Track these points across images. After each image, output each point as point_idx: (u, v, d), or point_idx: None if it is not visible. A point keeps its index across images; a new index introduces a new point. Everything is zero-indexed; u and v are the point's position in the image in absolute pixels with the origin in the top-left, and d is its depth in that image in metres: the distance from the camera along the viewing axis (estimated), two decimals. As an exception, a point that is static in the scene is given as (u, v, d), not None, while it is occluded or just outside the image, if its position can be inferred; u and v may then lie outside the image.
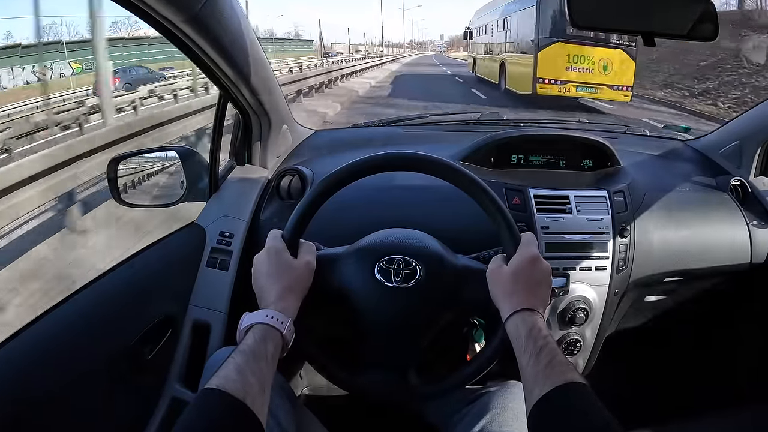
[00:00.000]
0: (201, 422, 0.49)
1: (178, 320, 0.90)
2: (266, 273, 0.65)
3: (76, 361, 0.70)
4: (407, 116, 1.37)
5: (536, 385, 0.53)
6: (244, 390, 0.50)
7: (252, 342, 0.57)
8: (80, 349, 0.71)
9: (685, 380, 1.20)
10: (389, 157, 0.71)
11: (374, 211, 0.94)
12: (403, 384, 0.71)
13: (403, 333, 0.70)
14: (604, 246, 0.93)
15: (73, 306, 0.74)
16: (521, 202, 0.94)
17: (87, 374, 0.71)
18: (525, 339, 0.58)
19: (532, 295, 0.63)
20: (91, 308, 0.76)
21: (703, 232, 1.00)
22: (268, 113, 1.00)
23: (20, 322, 0.68)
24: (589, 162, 1.07)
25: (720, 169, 1.13)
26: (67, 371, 0.68)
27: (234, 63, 0.82)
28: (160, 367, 0.88)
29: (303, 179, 1.01)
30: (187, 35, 0.71)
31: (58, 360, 0.67)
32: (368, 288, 0.70)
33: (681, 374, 1.21)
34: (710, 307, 1.12)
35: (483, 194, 0.69)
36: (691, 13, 0.84)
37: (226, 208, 0.97)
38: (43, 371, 0.65)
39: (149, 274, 0.87)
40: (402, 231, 0.77)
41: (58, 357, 0.67)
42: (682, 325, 1.16)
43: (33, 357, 0.65)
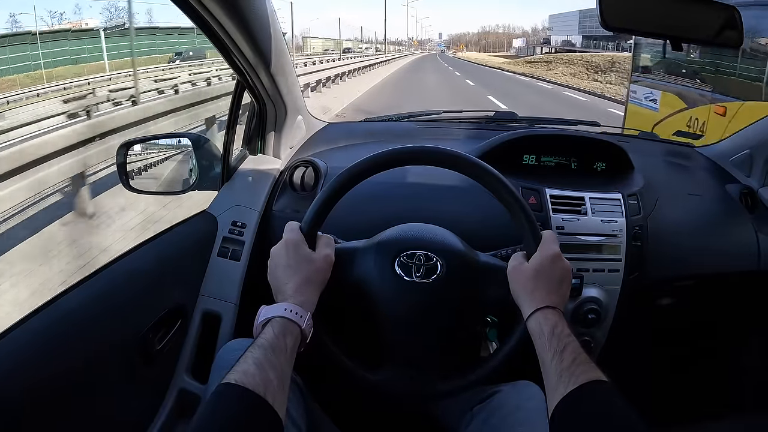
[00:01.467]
0: (220, 418, 0.47)
1: (188, 310, 0.89)
2: (284, 265, 0.64)
3: (85, 348, 0.68)
4: (420, 112, 1.36)
5: (560, 383, 0.53)
6: (263, 385, 0.49)
7: (271, 336, 0.55)
8: (90, 336, 0.70)
9: (693, 384, 1.21)
10: (413, 151, 0.70)
11: (391, 205, 0.93)
12: (420, 381, 0.70)
13: (422, 329, 0.70)
14: (618, 248, 0.94)
15: (84, 292, 0.72)
16: (537, 201, 0.94)
17: (96, 362, 0.69)
18: (548, 337, 0.58)
19: (554, 293, 0.63)
20: (102, 295, 0.74)
21: (712, 239, 1.01)
22: (285, 102, 0.99)
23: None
24: (602, 164, 1.07)
25: (730, 177, 1.14)
26: (76, 358, 0.66)
27: (257, 48, 0.80)
28: (169, 358, 0.87)
29: (317, 171, 1.00)
30: (214, 16, 0.70)
31: (67, 346, 0.66)
32: (388, 282, 0.69)
33: (688, 378, 1.22)
34: (718, 312, 1.13)
35: (506, 191, 0.69)
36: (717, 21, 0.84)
37: (238, 198, 0.96)
38: (52, 357, 0.64)
39: (160, 262, 0.85)
40: (423, 226, 0.76)
41: (68, 343, 0.66)
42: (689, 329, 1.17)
43: (42, 342, 0.63)
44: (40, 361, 0.62)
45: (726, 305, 1.12)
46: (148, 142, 1.06)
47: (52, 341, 0.64)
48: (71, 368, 0.65)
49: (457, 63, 38.02)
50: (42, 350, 0.63)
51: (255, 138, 1.03)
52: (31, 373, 0.60)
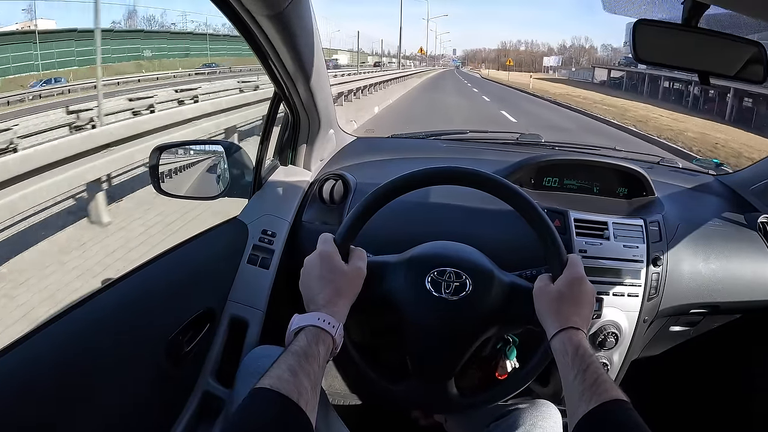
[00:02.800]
0: (255, 420, 0.48)
1: (217, 315, 0.90)
2: (317, 276, 0.65)
3: (117, 346, 0.70)
4: (447, 131, 1.39)
5: (582, 401, 0.54)
6: (297, 391, 0.50)
7: (304, 343, 0.57)
8: (122, 335, 0.72)
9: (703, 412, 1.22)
10: (447, 171, 0.72)
11: (420, 223, 0.95)
12: (441, 394, 0.72)
13: (448, 344, 0.72)
14: (638, 274, 0.95)
15: (118, 292, 0.74)
16: (562, 224, 0.96)
17: (126, 360, 0.71)
18: (572, 356, 0.59)
19: (577, 314, 0.65)
20: (134, 296, 0.76)
21: (730, 267, 1.02)
22: (319, 116, 1.01)
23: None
24: (624, 190, 1.09)
25: (749, 206, 1.15)
26: (107, 355, 0.68)
27: (300, 63, 0.83)
28: (196, 360, 0.88)
29: (346, 185, 1.02)
30: (263, 31, 0.72)
31: (99, 344, 0.68)
32: (418, 298, 0.71)
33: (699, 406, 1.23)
34: (732, 342, 1.14)
35: (536, 214, 0.70)
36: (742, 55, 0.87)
37: (269, 207, 0.98)
38: (85, 353, 0.66)
39: (192, 266, 0.88)
40: (453, 244, 0.78)
41: (100, 341, 0.68)
42: (703, 357, 1.18)
43: (75, 340, 0.66)
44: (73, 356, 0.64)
45: (742, 335, 1.12)
46: (181, 147, 1.09)
47: (85, 338, 0.66)
48: (102, 364, 0.67)
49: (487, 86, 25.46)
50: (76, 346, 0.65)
51: (287, 149, 1.05)
52: (64, 367, 0.62)
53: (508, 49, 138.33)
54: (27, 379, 0.58)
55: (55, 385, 0.61)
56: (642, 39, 0.81)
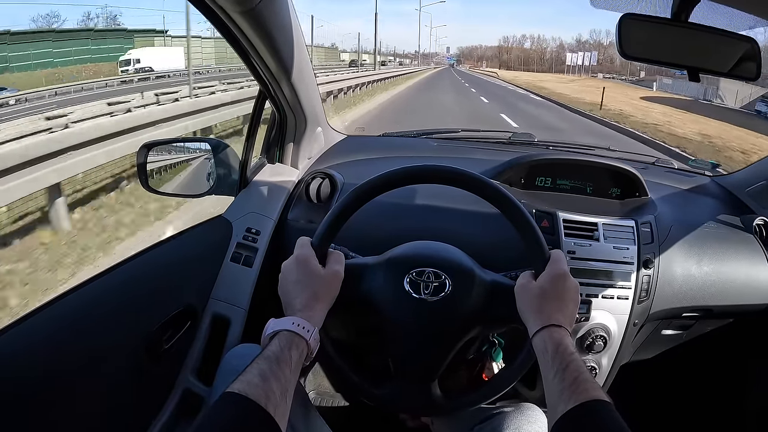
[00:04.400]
0: (220, 424, 0.48)
1: (199, 312, 0.90)
2: (294, 281, 0.65)
3: (95, 342, 0.70)
4: (439, 129, 1.38)
5: (561, 401, 0.53)
6: (266, 396, 0.50)
7: (277, 348, 0.56)
8: (100, 331, 0.71)
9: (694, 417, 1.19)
10: (425, 170, 0.71)
11: (403, 222, 0.94)
12: (424, 396, 0.71)
13: (429, 345, 0.71)
14: (628, 276, 0.93)
15: (97, 287, 0.74)
16: (550, 225, 0.94)
17: (105, 356, 0.71)
18: (552, 355, 0.58)
19: (560, 311, 0.63)
20: (114, 292, 0.76)
21: (724, 270, 0.99)
22: (305, 113, 1.01)
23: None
24: (617, 190, 1.07)
25: (745, 208, 1.13)
26: (85, 351, 0.68)
27: (280, 60, 0.82)
28: (176, 358, 0.88)
29: (333, 184, 1.01)
30: (240, 27, 0.72)
31: (77, 340, 0.67)
32: (397, 299, 0.70)
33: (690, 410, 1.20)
34: (725, 345, 1.12)
35: (515, 211, 0.69)
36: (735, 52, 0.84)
37: (254, 205, 0.98)
38: (61, 349, 0.65)
39: (174, 263, 0.87)
40: (433, 244, 0.77)
41: (78, 337, 0.68)
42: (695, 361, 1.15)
43: (53, 334, 0.65)
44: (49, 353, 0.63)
45: (735, 339, 1.10)
46: (169, 144, 1.09)
47: (62, 334, 0.66)
48: (80, 361, 0.67)
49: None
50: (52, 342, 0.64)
51: (274, 147, 1.05)
52: (40, 363, 0.62)
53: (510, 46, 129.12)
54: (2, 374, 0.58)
55: (32, 381, 0.60)
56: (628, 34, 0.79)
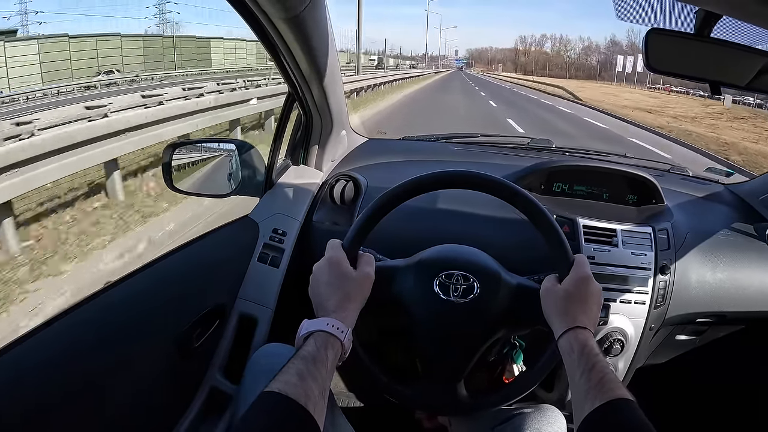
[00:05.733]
0: (263, 424, 0.49)
1: (227, 311, 0.91)
2: (326, 282, 0.66)
3: (128, 339, 0.71)
4: (458, 134, 1.39)
5: (587, 400, 0.55)
6: (305, 395, 0.51)
7: (313, 349, 0.57)
8: (133, 329, 0.73)
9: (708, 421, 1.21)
10: (454, 175, 0.73)
11: (430, 225, 0.95)
12: (450, 396, 0.73)
13: (457, 347, 0.73)
14: (645, 281, 0.95)
15: (130, 287, 0.75)
16: (570, 230, 0.96)
17: (136, 356, 0.72)
18: (578, 356, 0.60)
19: (584, 314, 0.65)
20: (146, 291, 0.77)
21: (738, 277, 1.01)
22: (332, 117, 1.02)
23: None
24: (634, 197, 1.09)
25: (759, 216, 1.15)
26: (119, 348, 0.69)
27: (315, 64, 0.84)
28: (204, 356, 0.89)
29: (357, 186, 1.03)
30: (280, 33, 0.73)
31: (110, 337, 0.69)
32: (426, 301, 0.72)
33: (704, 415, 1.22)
34: (738, 351, 1.14)
35: (542, 217, 0.71)
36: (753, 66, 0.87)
37: (280, 206, 0.99)
38: (97, 345, 0.67)
39: (204, 262, 0.89)
40: (461, 247, 0.79)
41: (112, 334, 0.69)
42: (708, 366, 1.18)
43: (87, 332, 0.67)
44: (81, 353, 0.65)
45: (748, 345, 1.12)
46: (194, 144, 1.10)
47: (97, 331, 0.67)
48: (113, 357, 0.68)
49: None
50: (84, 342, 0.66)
51: (299, 149, 1.06)
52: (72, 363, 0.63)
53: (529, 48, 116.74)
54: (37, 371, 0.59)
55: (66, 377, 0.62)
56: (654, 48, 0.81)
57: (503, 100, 16.88)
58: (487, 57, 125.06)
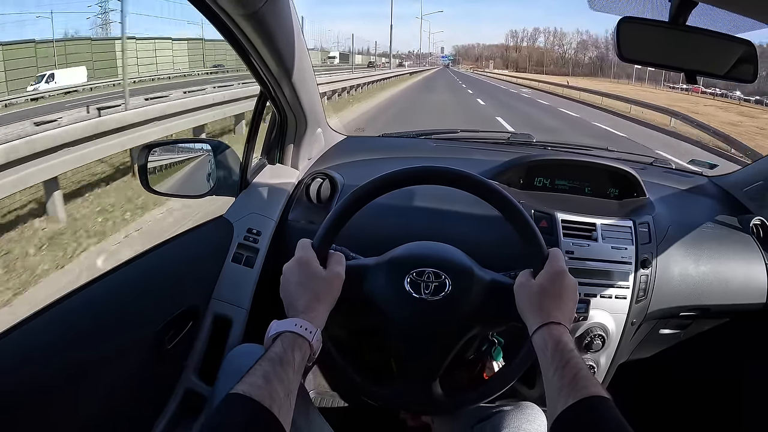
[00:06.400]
0: (225, 425, 0.49)
1: (201, 312, 0.91)
2: (296, 282, 0.66)
3: (99, 342, 0.70)
4: (438, 129, 1.38)
5: (560, 397, 0.54)
6: (270, 397, 0.51)
7: (280, 350, 0.57)
8: (105, 331, 0.72)
9: (693, 415, 1.20)
10: (423, 171, 0.72)
11: (404, 222, 0.94)
12: (426, 395, 0.72)
13: (430, 345, 0.71)
14: (626, 276, 0.94)
15: (101, 288, 0.74)
16: (548, 225, 0.95)
17: (109, 355, 0.71)
18: (552, 352, 0.59)
19: (559, 309, 0.64)
20: (118, 292, 0.76)
21: (721, 270, 1.00)
22: (305, 114, 1.01)
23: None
24: (615, 191, 1.08)
25: (743, 208, 1.14)
26: (90, 350, 0.68)
27: (282, 61, 0.83)
28: (179, 358, 0.88)
29: (333, 184, 1.02)
30: (242, 30, 0.72)
31: (82, 339, 0.68)
32: (398, 299, 0.71)
33: (689, 408, 1.21)
34: (722, 344, 1.13)
35: (513, 210, 0.70)
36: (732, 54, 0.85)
37: (255, 206, 0.98)
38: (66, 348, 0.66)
39: (177, 263, 0.88)
40: (432, 244, 0.78)
41: (83, 336, 0.68)
42: (692, 360, 1.16)
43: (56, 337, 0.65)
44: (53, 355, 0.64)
45: (732, 338, 1.11)
46: (169, 145, 1.09)
47: (66, 335, 0.66)
48: (84, 360, 0.67)
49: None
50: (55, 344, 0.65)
51: (274, 148, 1.05)
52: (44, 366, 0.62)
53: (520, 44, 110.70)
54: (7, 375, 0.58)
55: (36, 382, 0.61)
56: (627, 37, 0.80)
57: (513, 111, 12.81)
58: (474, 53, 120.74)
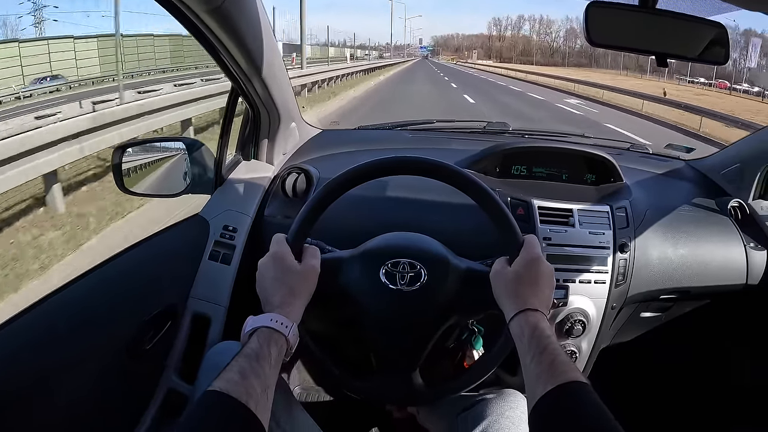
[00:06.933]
0: (204, 425, 0.49)
1: (179, 311, 0.90)
2: (271, 277, 0.66)
3: (76, 344, 0.70)
4: (414, 120, 1.38)
5: (538, 384, 0.54)
6: (247, 393, 0.51)
7: (256, 346, 0.57)
8: (82, 333, 0.71)
9: (676, 397, 1.22)
10: (393, 161, 0.71)
11: (379, 213, 0.94)
12: (406, 387, 0.72)
13: (408, 335, 0.71)
14: (604, 260, 0.94)
15: (77, 289, 0.74)
16: (525, 212, 0.95)
17: (86, 358, 0.71)
18: (528, 339, 0.59)
19: (535, 296, 0.64)
20: (94, 293, 0.76)
21: (700, 252, 1.01)
22: (278, 109, 1.00)
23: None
24: (592, 176, 1.08)
25: (720, 191, 1.15)
26: (67, 353, 0.68)
27: (250, 56, 0.82)
28: (159, 358, 0.88)
29: (309, 178, 1.01)
30: (207, 26, 0.71)
31: (59, 342, 0.67)
32: (374, 291, 0.70)
33: (672, 391, 1.23)
34: (703, 326, 1.14)
35: (487, 198, 0.69)
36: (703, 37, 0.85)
37: (231, 203, 0.98)
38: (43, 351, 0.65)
39: (153, 263, 0.87)
40: (407, 234, 0.78)
41: (60, 339, 0.68)
42: (675, 342, 1.18)
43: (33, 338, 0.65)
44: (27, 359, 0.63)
45: (713, 319, 1.12)
46: (143, 144, 1.08)
47: (42, 336, 0.66)
48: (62, 363, 0.66)
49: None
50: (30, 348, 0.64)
51: (249, 144, 1.04)
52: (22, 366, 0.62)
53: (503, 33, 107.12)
54: None
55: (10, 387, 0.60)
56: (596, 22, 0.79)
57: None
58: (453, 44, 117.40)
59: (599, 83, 16.82)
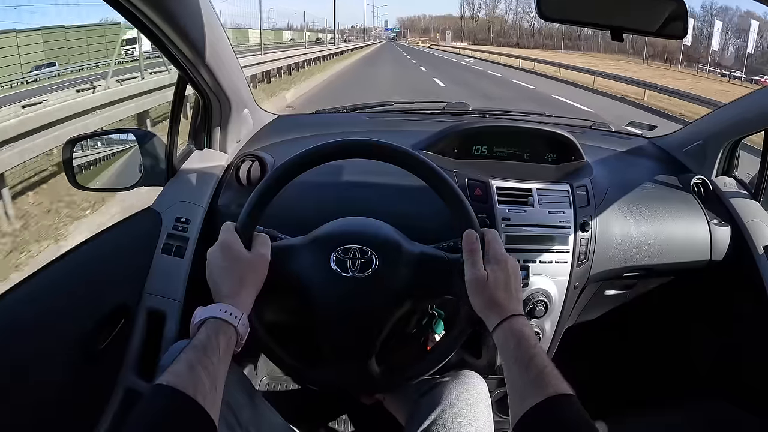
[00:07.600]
0: (150, 419, 0.48)
1: (132, 309, 0.87)
2: (219, 267, 0.64)
3: (25, 347, 0.67)
4: (372, 103, 1.35)
5: (526, 395, 0.53)
6: (194, 386, 0.50)
7: (204, 337, 0.56)
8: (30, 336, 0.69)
9: (642, 373, 1.24)
10: (343, 145, 0.69)
11: (331, 199, 0.92)
12: (361, 374, 0.71)
13: (361, 323, 0.70)
14: (565, 240, 0.94)
15: (24, 291, 0.71)
16: (483, 193, 0.94)
17: (37, 361, 0.68)
18: (514, 348, 0.58)
19: (510, 298, 0.63)
20: (42, 294, 0.73)
21: (664, 229, 1.01)
22: (228, 96, 0.97)
23: None
24: (553, 155, 1.07)
25: (683, 168, 1.15)
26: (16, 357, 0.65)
27: (192, 43, 0.79)
28: (114, 357, 0.86)
29: (263, 165, 0.99)
30: (144, 13, 0.68)
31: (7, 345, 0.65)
32: (325, 279, 0.69)
33: (638, 367, 1.24)
34: (668, 302, 1.15)
35: (439, 180, 0.68)
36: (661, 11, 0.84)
37: (183, 194, 0.95)
38: None
39: (102, 260, 0.84)
40: (358, 220, 0.76)
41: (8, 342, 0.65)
42: (640, 319, 1.19)
43: None
44: None
45: (676, 295, 1.13)
46: (94, 138, 1.04)
47: None
48: (11, 366, 0.64)
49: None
50: None
51: (201, 132, 1.01)
52: None
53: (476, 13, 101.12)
54: None
55: None
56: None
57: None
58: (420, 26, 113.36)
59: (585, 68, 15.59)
